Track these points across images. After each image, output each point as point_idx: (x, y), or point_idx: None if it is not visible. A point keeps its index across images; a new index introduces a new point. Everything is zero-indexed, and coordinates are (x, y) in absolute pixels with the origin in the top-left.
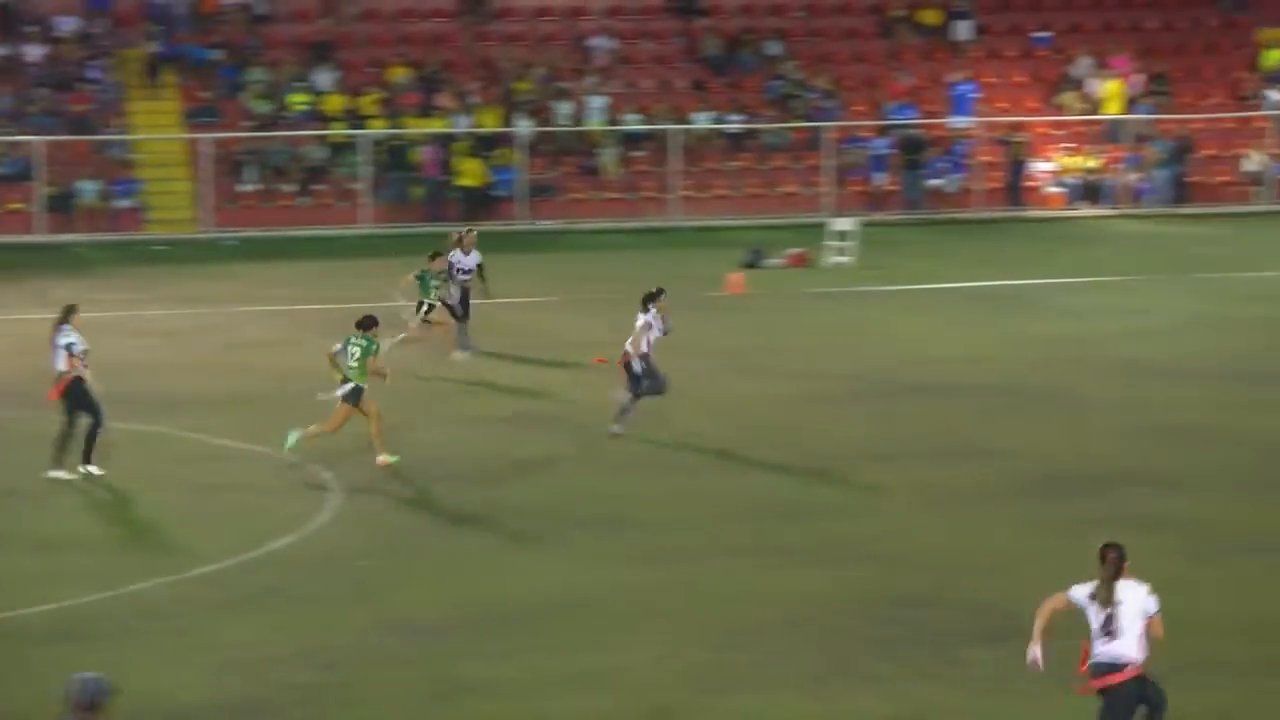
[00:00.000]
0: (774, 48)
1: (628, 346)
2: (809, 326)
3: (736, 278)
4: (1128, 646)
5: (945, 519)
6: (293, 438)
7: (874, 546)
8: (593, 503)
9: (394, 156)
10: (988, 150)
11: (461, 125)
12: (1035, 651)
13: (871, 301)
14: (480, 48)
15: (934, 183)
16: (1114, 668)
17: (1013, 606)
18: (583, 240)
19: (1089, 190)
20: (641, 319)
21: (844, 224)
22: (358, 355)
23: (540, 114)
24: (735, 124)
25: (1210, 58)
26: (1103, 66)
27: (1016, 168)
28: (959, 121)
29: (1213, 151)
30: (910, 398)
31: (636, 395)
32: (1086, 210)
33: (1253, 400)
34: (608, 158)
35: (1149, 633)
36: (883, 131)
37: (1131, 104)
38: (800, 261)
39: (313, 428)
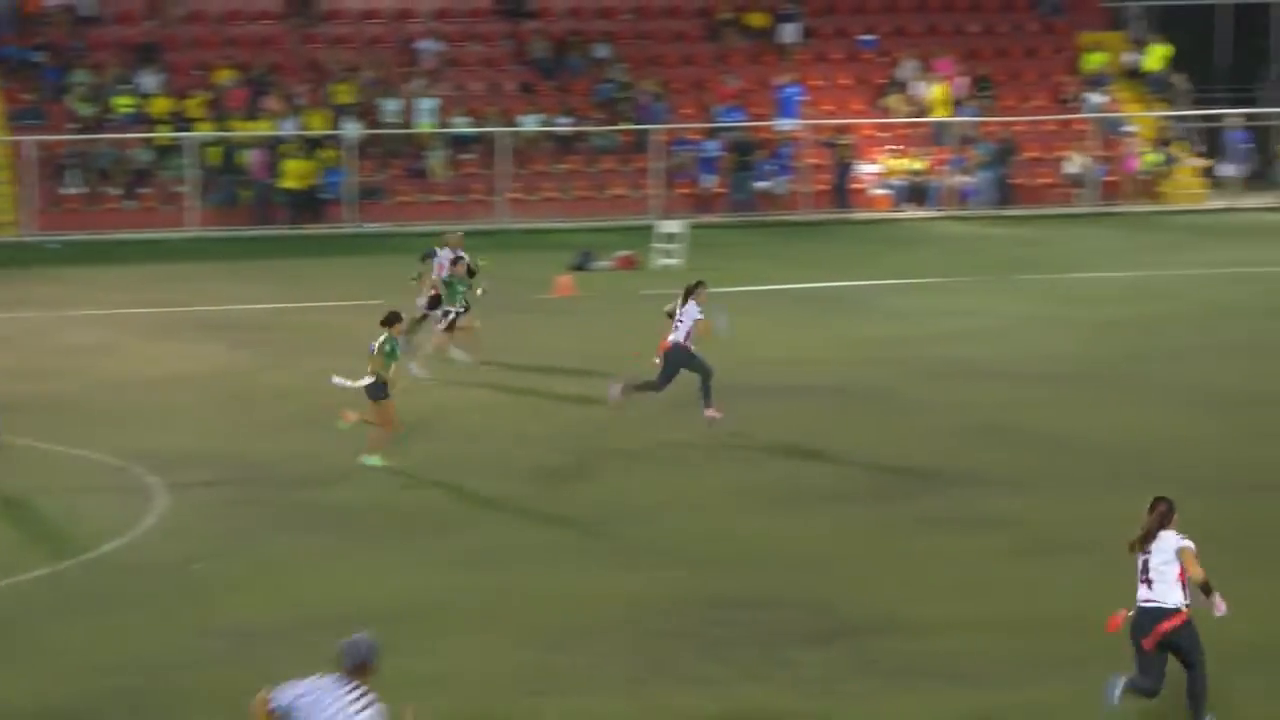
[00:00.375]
0: (602, 50)
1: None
2: (638, 329)
3: (565, 280)
4: (1163, 593)
5: (773, 520)
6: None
7: (701, 548)
8: (419, 506)
9: (221, 159)
10: (814, 153)
11: (288, 128)
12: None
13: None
14: (307, 50)
15: (761, 185)
16: (1154, 613)
17: (841, 607)
18: (411, 243)
19: (915, 192)
20: (689, 310)
21: (672, 226)
22: (376, 351)
23: (368, 116)
24: (564, 127)
25: (1031, 61)
26: (927, 70)
27: (843, 170)
28: (786, 124)
29: (1035, 154)
30: (738, 399)
31: (650, 387)
32: (912, 212)
33: (1076, 400)
34: (436, 160)
35: (1186, 570)
36: (710, 134)
37: (956, 107)
38: (628, 264)
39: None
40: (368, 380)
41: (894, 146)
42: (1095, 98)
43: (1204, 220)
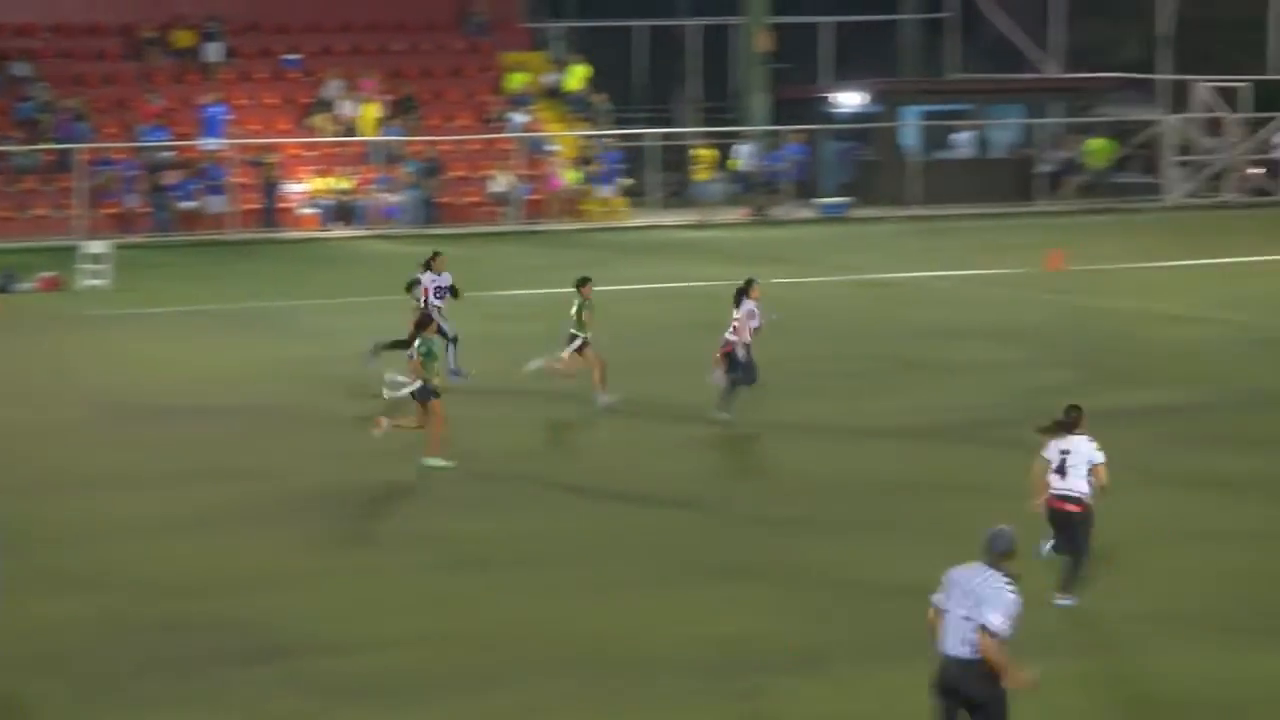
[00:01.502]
0: (21, 68)
1: (729, 336)
2: (62, 351)
3: None
4: (1076, 483)
5: (197, 541)
6: (386, 424)
7: (125, 572)
8: None
9: None
10: (242, 172)
11: None
12: (1036, 502)
13: (127, 325)
14: None
15: (187, 205)
16: (1066, 498)
17: (275, 627)
18: None
19: (342, 211)
20: (745, 308)
21: (97, 247)
22: (415, 356)
23: None
24: None
25: (456, 80)
26: (353, 89)
27: (270, 189)
28: (211, 143)
29: (461, 173)
30: (162, 421)
31: (734, 383)
32: (340, 231)
33: (496, 414)
34: None
35: (1095, 479)
36: (135, 154)
37: (382, 126)
38: (52, 285)
39: (403, 420)
40: (414, 385)
41: (320, 166)
42: (519, 117)
43: (625, 237)
